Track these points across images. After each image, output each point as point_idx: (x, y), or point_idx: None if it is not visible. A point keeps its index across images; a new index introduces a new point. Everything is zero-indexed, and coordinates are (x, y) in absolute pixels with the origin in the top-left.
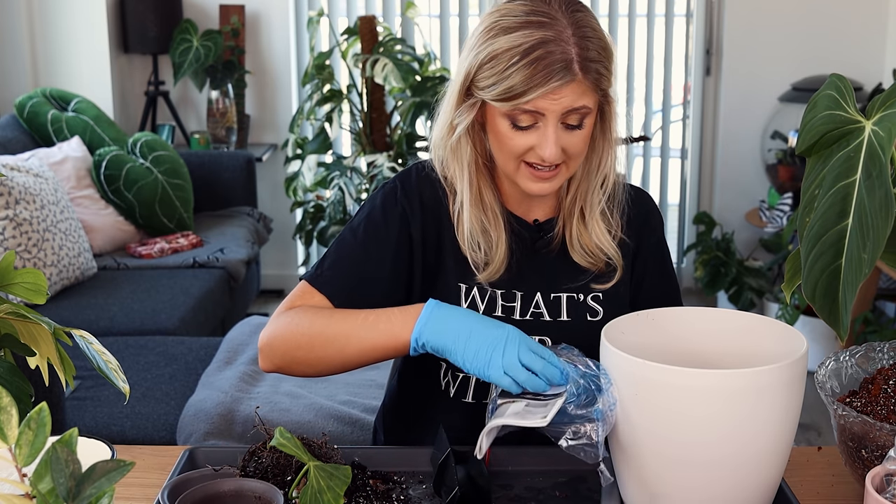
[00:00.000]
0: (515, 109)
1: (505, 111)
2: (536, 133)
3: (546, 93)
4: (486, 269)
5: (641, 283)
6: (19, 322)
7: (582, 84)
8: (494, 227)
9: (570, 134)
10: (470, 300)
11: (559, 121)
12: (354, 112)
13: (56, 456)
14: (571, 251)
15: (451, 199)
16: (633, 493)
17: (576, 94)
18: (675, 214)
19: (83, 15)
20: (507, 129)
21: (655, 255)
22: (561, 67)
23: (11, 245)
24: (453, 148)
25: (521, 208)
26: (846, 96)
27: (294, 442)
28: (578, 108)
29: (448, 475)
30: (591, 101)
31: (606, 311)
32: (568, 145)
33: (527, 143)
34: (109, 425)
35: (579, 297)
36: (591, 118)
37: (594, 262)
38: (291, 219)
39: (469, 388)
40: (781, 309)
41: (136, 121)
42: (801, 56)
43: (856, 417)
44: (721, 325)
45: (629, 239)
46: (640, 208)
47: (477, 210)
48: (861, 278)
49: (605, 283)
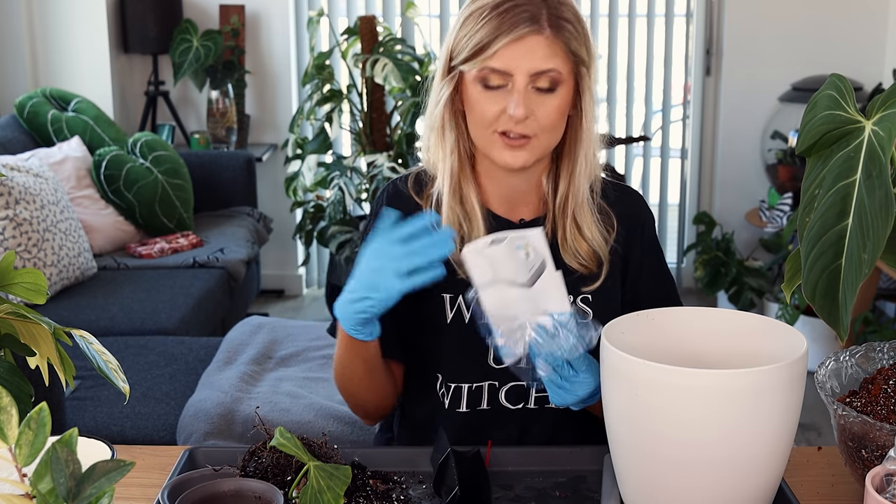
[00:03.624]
0: (485, 68)
1: (476, 74)
2: (506, 94)
3: (513, 40)
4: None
5: (637, 284)
6: (19, 322)
7: (552, 42)
8: (471, 219)
9: (542, 99)
10: (455, 309)
11: (529, 83)
12: (354, 112)
13: (56, 456)
14: (563, 252)
15: (425, 204)
16: (633, 493)
17: (545, 53)
18: (675, 214)
19: (83, 15)
20: (479, 94)
21: (649, 254)
22: (528, 17)
23: (11, 245)
24: (437, 129)
25: (505, 207)
26: (846, 96)
27: (294, 442)
28: (548, 69)
29: (448, 475)
30: (563, 66)
31: (596, 312)
32: (539, 112)
33: (498, 106)
34: (109, 425)
35: (569, 299)
36: (566, 90)
37: (586, 264)
38: (291, 219)
39: (462, 399)
40: (781, 309)
41: (136, 121)
42: (801, 56)
43: (856, 417)
44: (721, 325)
45: (617, 239)
46: (627, 206)
47: (454, 201)
48: (861, 278)
49: (592, 283)
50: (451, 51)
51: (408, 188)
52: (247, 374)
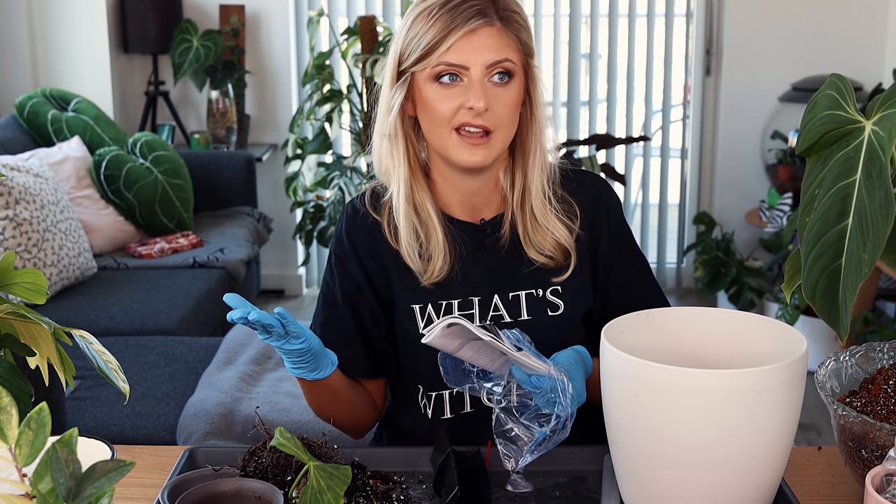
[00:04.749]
0: (440, 64)
1: (430, 72)
2: (463, 89)
3: (466, 34)
4: (427, 271)
5: (610, 271)
6: (19, 322)
7: (503, 34)
8: (428, 225)
9: (497, 93)
10: (426, 318)
11: (485, 75)
12: (354, 112)
13: (56, 456)
14: (526, 247)
15: (384, 217)
16: (633, 493)
17: (498, 44)
18: (675, 214)
19: (83, 15)
20: (435, 93)
21: (618, 238)
22: (478, 11)
23: (11, 245)
24: (391, 137)
25: (465, 209)
26: (846, 96)
27: (294, 442)
28: (502, 60)
29: (448, 475)
30: (514, 57)
31: (567, 304)
32: (495, 106)
33: (454, 102)
34: (109, 425)
35: (538, 292)
36: (518, 82)
37: (552, 255)
38: (291, 219)
39: (445, 405)
40: (781, 309)
41: (136, 121)
42: (801, 56)
43: (856, 417)
44: (721, 325)
45: (581, 226)
46: (589, 193)
47: (409, 208)
48: (861, 278)
49: (562, 274)
50: (401, 55)
51: (365, 205)
52: (247, 374)
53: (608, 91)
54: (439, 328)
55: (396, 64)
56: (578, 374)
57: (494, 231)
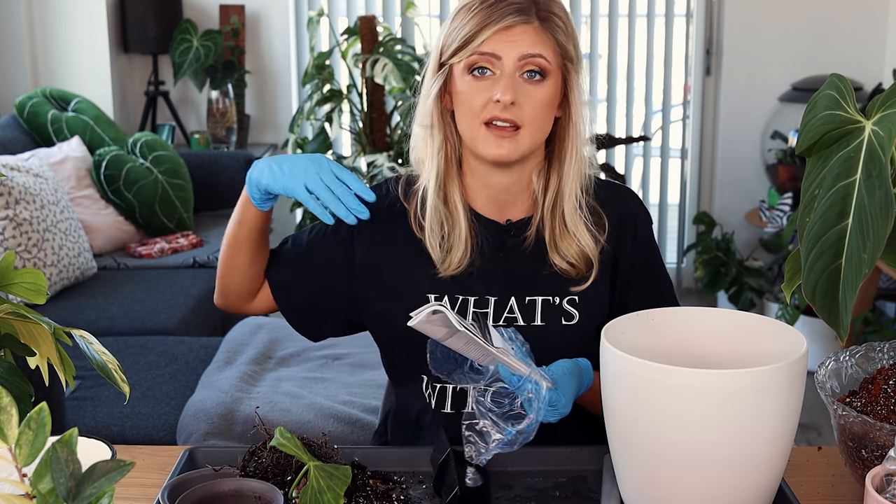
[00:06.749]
0: (474, 54)
1: (465, 63)
2: (493, 81)
3: (501, 29)
4: (445, 261)
5: (629, 283)
6: (19, 322)
7: (540, 32)
8: (453, 218)
9: (529, 89)
10: None
11: (517, 68)
12: (354, 112)
13: (56, 456)
14: (551, 252)
15: (412, 207)
16: (633, 493)
17: (534, 40)
18: (675, 214)
19: (83, 15)
20: (467, 85)
21: (643, 252)
22: (517, 8)
23: (11, 245)
24: (427, 127)
25: (492, 207)
26: (846, 96)
27: (294, 442)
28: (535, 54)
29: (448, 475)
30: (550, 56)
31: (582, 314)
32: (525, 102)
33: (485, 95)
34: (109, 425)
35: (555, 300)
36: (552, 83)
37: (574, 264)
38: (291, 219)
39: (446, 399)
40: (781, 309)
41: (136, 121)
42: (801, 56)
43: (856, 417)
44: (721, 325)
45: (607, 240)
46: (618, 205)
47: (438, 199)
48: (861, 278)
49: (581, 284)
50: (442, 47)
51: (398, 189)
52: (247, 374)
53: (608, 91)
54: (425, 313)
55: (438, 56)
56: (568, 386)
57: (519, 233)
